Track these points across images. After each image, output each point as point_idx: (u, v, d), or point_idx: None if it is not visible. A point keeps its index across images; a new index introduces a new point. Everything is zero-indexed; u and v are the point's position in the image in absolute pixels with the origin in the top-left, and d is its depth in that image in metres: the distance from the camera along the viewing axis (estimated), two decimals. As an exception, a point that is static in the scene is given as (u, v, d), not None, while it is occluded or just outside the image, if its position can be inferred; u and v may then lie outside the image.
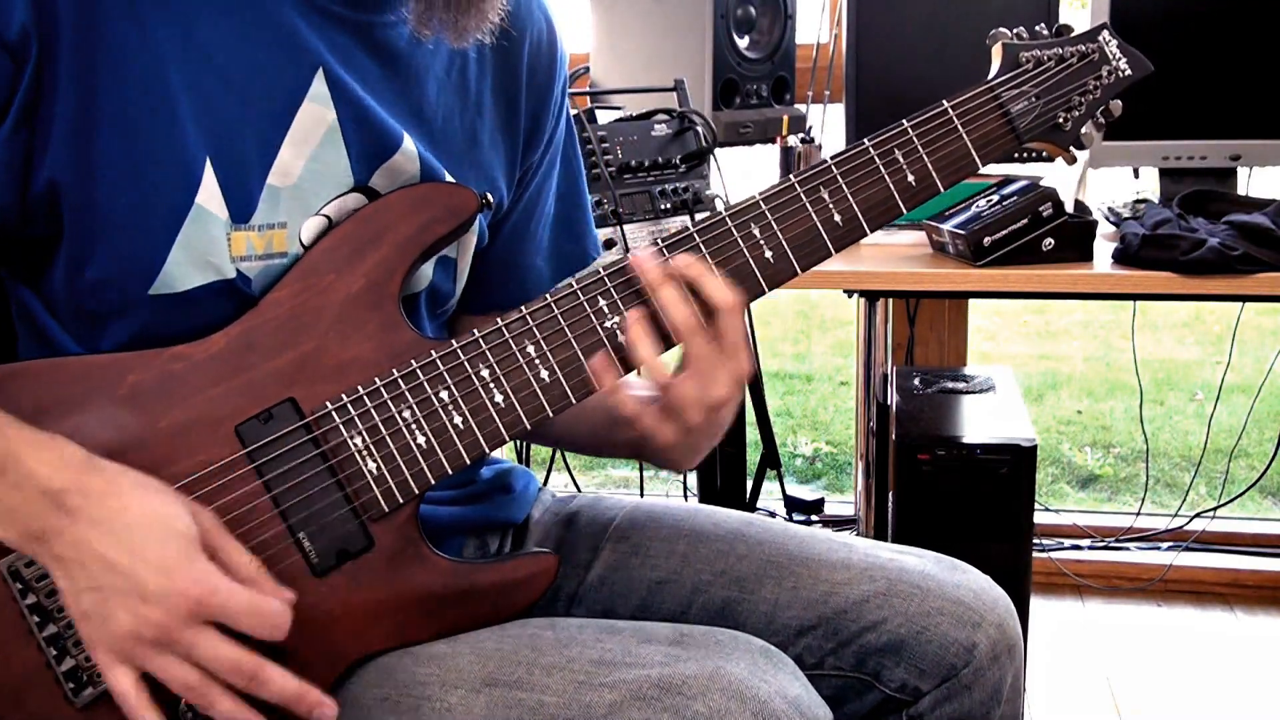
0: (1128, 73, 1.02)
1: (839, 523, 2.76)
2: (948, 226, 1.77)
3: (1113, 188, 2.15)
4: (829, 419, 4.15)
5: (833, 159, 0.95)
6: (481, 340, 0.91)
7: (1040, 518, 2.56)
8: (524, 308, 0.91)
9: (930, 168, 0.96)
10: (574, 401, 0.92)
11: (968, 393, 2.13)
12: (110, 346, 0.89)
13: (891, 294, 2.13)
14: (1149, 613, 2.48)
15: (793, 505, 2.71)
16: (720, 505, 1.15)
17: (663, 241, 0.93)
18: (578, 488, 2.61)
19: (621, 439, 1.03)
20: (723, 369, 0.91)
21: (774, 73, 2.12)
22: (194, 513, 0.83)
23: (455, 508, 1.06)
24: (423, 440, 0.89)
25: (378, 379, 0.89)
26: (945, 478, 1.88)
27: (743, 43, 2.07)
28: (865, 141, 0.96)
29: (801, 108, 2.21)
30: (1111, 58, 1.01)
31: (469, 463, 0.90)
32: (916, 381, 2.19)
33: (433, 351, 0.90)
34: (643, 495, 2.47)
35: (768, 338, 4.71)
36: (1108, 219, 1.95)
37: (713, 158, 1.87)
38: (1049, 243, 1.72)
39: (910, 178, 0.96)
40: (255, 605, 0.81)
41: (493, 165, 1.03)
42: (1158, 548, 2.62)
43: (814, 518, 2.73)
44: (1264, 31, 1.95)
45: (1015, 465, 1.86)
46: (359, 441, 0.89)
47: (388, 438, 0.89)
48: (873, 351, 2.29)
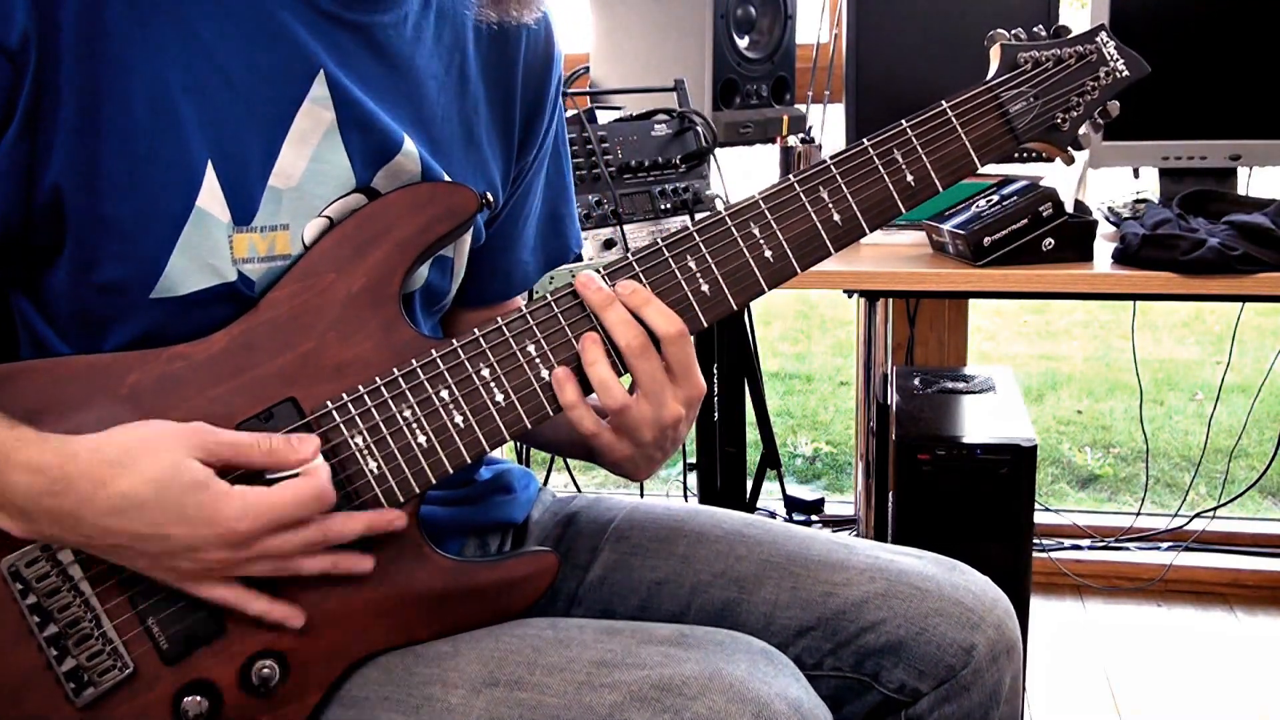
0: (1125, 74, 1.02)
1: (839, 523, 2.76)
2: (948, 226, 1.77)
3: (1113, 188, 2.14)
4: (829, 419, 4.15)
5: (832, 159, 0.96)
6: (482, 339, 0.91)
7: (1040, 518, 2.56)
8: (523, 306, 0.92)
9: (929, 168, 0.96)
10: None
11: (968, 393, 2.13)
12: (110, 350, 0.88)
13: (891, 294, 2.13)
14: (1149, 613, 2.48)
15: (793, 505, 2.71)
16: (720, 505, 1.15)
17: (664, 240, 0.93)
18: (578, 488, 2.61)
19: (581, 445, 1.03)
20: (671, 392, 0.91)
21: (774, 73, 2.12)
22: (185, 441, 0.81)
23: (455, 508, 1.06)
24: (423, 439, 0.89)
25: (378, 378, 0.89)
26: (945, 478, 1.88)
27: (743, 43, 2.07)
28: (864, 141, 0.96)
29: (801, 108, 2.21)
30: (1109, 59, 1.01)
31: (469, 461, 0.90)
32: (916, 381, 2.19)
33: (433, 350, 0.90)
34: (642, 496, 2.47)
35: (768, 338, 4.71)
36: (1108, 219, 1.95)
37: (713, 158, 1.87)
38: (1049, 243, 1.72)
39: (909, 178, 0.96)
40: (296, 498, 0.82)
41: (491, 165, 1.04)
42: (1158, 548, 2.62)
43: (814, 518, 2.73)
44: (1264, 31, 1.95)
45: (1015, 465, 1.86)
46: (360, 441, 0.88)
47: (388, 437, 0.89)
48: (873, 351, 2.29)
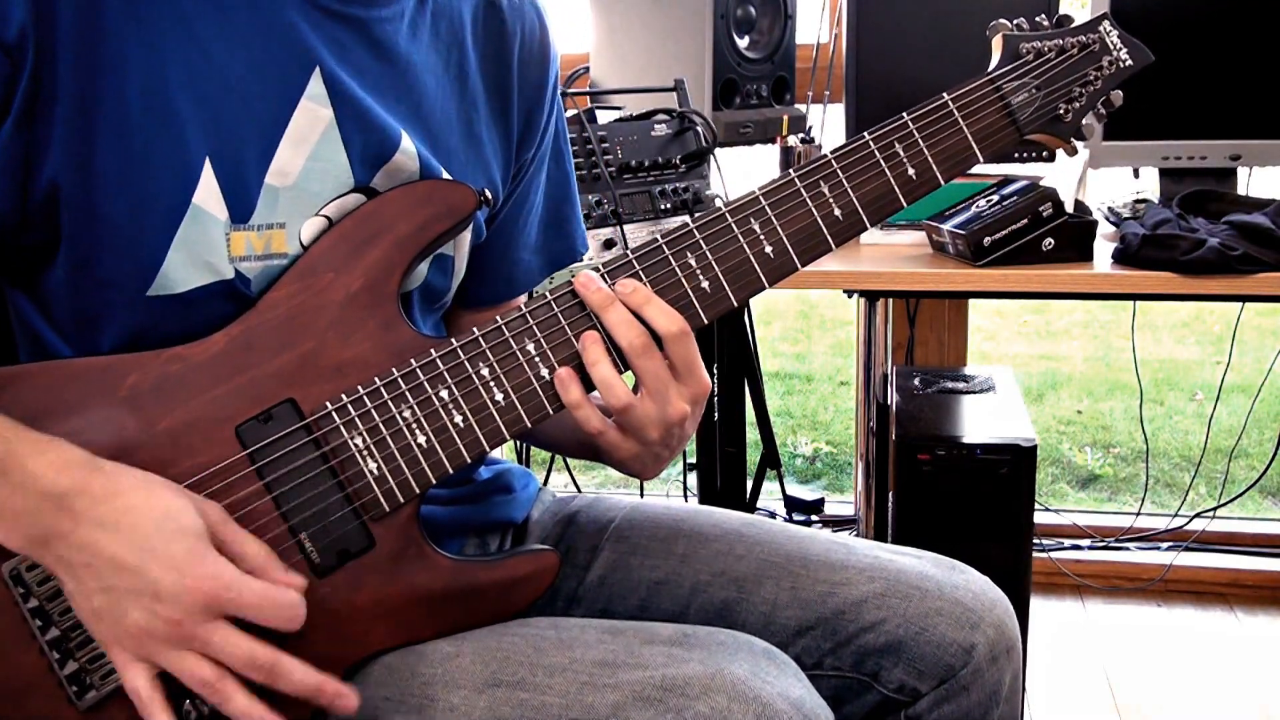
0: (1128, 63, 1.01)
1: (839, 523, 2.76)
2: (948, 226, 1.77)
3: (1113, 188, 2.14)
4: (829, 419, 4.15)
5: (832, 153, 0.95)
6: (482, 339, 0.90)
7: (1040, 518, 2.56)
8: (523, 305, 0.91)
9: (930, 160, 0.96)
10: None
11: (968, 393, 2.13)
12: (108, 350, 0.88)
13: (891, 294, 2.13)
14: (1149, 613, 2.48)
15: (793, 505, 2.71)
16: (720, 505, 1.15)
17: (664, 237, 0.93)
18: (577, 488, 2.61)
19: (588, 445, 1.03)
20: (675, 390, 0.91)
21: (774, 73, 2.11)
22: (200, 507, 0.82)
23: (454, 507, 1.06)
24: (423, 439, 0.89)
25: (378, 378, 0.89)
26: (945, 478, 1.88)
27: (743, 43, 2.07)
28: (865, 135, 0.95)
29: (801, 108, 2.21)
30: (1112, 48, 1.00)
31: (470, 461, 0.90)
32: (916, 381, 2.19)
33: (432, 350, 0.90)
34: (643, 496, 2.47)
35: (768, 338, 4.71)
36: (1108, 219, 1.95)
37: (713, 158, 1.87)
38: (1049, 243, 1.72)
39: (910, 171, 0.96)
40: (269, 596, 0.81)
41: (490, 162, 1.03)
42: (1158, 548, 2.62)
43: (814, 518, 2.73)
44: (1264, 31, 1.95)
45: (1015, 465, 1.86)
46: (359, 441, 0.88)
47: (388, 437, 0.89)
48: (873, 351, 2.29)
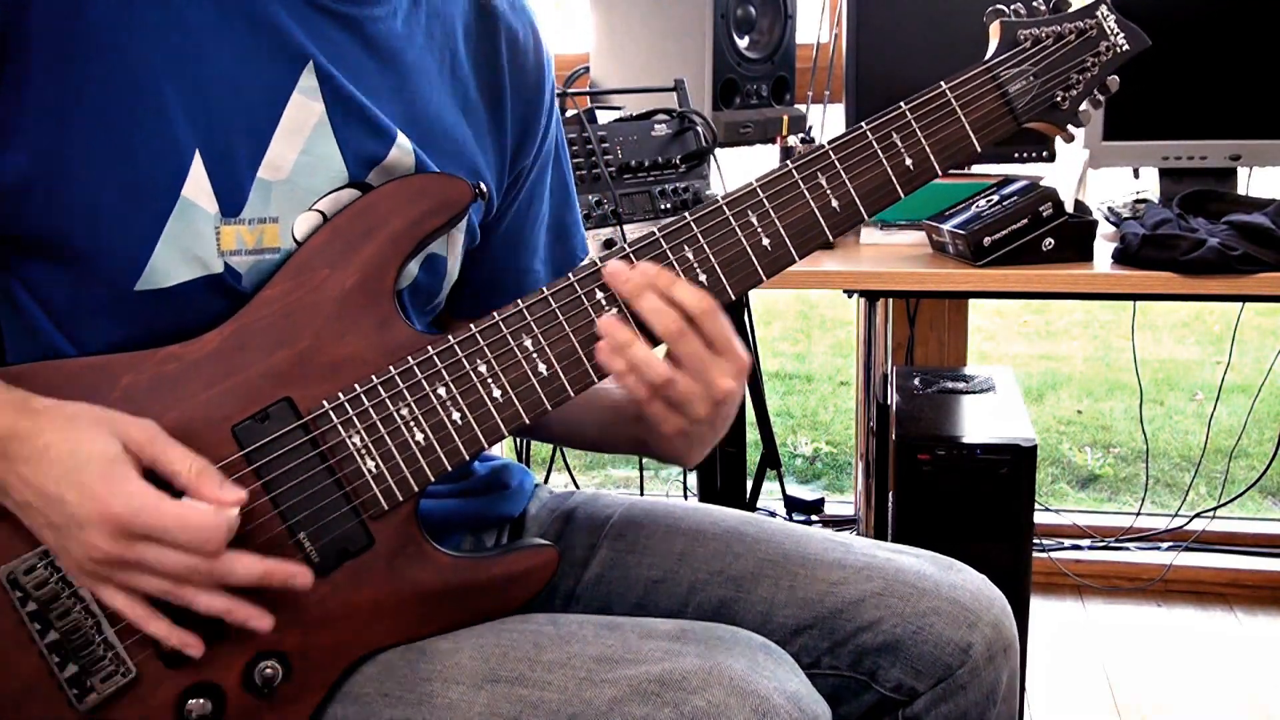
0: (1125, 48, 1.00)
1: (839, 523, 2.76)
2: (948, 226, 1.77)
3: (1113, 188, 2.14)
4: (829, 419, 4.15)
5: (830, 143, 0.94)
6: (478, 335, 0.90)
7: (1040, 518, 2.56)
8: (520, 301, 0.91)
9: (928, 151, 0.95)
10: (572, 395, 0.91)
11: (968, 393, 2.13)
12: (100, 342, 0.88)
13: (891, 294, 2.13)
14: (1149, 613, 2.48)
15: (793, 505, 2.71)
16: (720, 505, 1.15)
17: (660, 231, 0.92)
18: (577, 487, 2.60)
19: (626, 434, 1.02)
20: (717, 367, 0.90)
21: (774, 73, 2.11)
22: (122, 429, 0.81)
23: (451, 501, 1.06)
24: (421, 438, 0.89)
25: (375, 377, 0.89)
26: (945, 478, 1.88)
27: (743, 43, 2.07)
28: (863, 125, 0.95)
29: (801, 108, 2.21)
30: (1110, 33, 1.00)
31: (468, 459, 0.90)
32: (916, 381, 2.19)
33: (429, 348, 0.90)
34: (642, 494, 2.47)
35: (768, 338, 4.70)
36: (1108, 219, 1.95)
37: (713, 158, 1.88)
38: (1049, 243, 1.72)
39: (908, 161, 0.95)
40: (182, 517, 0.79)
41: (483, 165, 1.03)
42: (1158, 548, 2.62)
43: (814, 518, 2.73)
44: (1264, 31, 1.95)
45: (1015, 465, 1.86)
46: (357, 441, 0.88)
47: (386, 436, 0.89)
48: (873, 351, 2.29)
